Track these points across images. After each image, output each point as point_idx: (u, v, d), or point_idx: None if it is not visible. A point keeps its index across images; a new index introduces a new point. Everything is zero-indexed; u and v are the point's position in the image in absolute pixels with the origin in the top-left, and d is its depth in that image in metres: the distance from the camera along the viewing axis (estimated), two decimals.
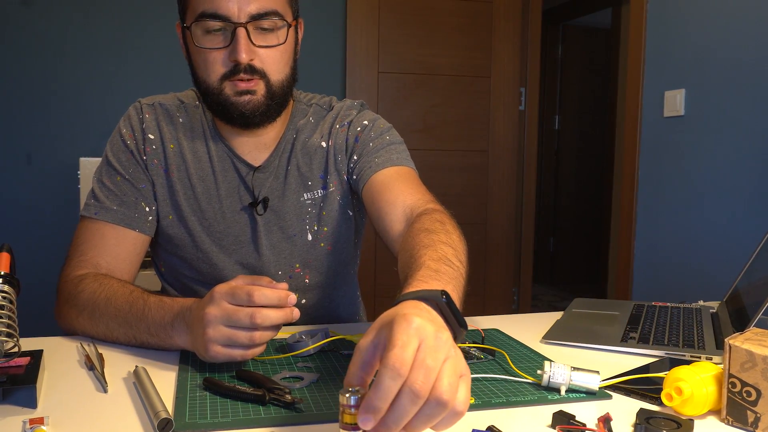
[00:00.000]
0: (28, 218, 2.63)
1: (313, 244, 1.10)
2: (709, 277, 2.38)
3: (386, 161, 1.05)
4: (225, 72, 0.96)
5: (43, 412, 0.66)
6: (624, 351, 0.91)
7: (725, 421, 0.66)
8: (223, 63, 0.95)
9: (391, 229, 0.96)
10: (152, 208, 1.05)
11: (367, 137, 1.09)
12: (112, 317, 0.88)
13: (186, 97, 1.11)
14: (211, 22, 0.93)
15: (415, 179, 1.04)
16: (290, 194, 1.08)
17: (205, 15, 0.93)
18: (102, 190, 1.03)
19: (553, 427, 0.64)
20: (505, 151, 3.33)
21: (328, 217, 1.10)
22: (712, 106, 2.40)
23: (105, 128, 2.59)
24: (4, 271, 0.72)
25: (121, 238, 1.01)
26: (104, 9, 2.68)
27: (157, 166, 1.05)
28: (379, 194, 1.01)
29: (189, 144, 1.06)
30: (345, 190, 1.11)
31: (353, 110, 1.13)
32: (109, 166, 1.05)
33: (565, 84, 5.02)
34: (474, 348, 0.88)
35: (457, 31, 3.19)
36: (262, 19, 0.94)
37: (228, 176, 1.06)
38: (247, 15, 0.93)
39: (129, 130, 1.06)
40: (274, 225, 1.07)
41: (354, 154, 1.09)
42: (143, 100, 1.10)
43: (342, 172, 1.10)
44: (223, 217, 1.06)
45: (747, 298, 1.03)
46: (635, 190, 2.78)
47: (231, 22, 0.93)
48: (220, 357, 0.75)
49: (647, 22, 2.70)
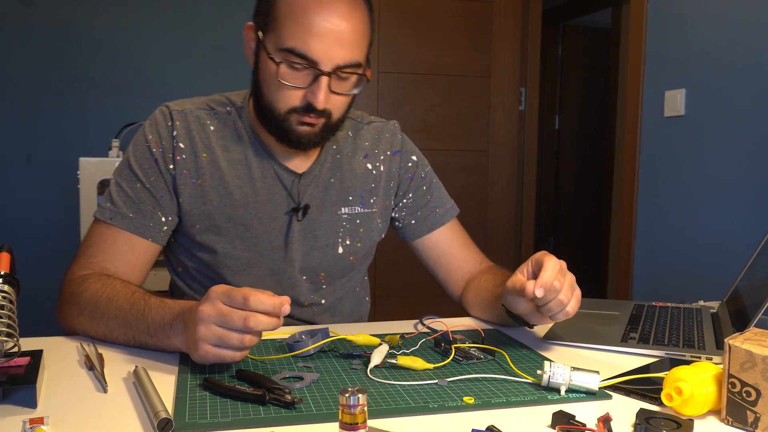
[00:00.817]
0: (28, 218, 2.63)
1: (342, 256, 1.12)
2: (709, 277, 2.38)
3: (440, 219, 1.19)
4: (296, 107, 0.96)
5: (43, 412, 0.66)
6: (624, 351, 0.91)
7: (725, 421, 0.66)
8: (297, 99, 0.96)
9: (454, 289, 1.20)
10: (168, 218, 1.03)
11: (420, 181, 1.20)
12: (112, 317, 0.88)
13: (215, 103, 1.09)
14: (298, 62, 0.93)
15: (463, 236, 1.21)
16: (329, 205, 1.10)
17: (294, 52, 0.92)
18: (120, 195, 1.02)
19: (552, 427, 0.64)
20: (505, 151, 3.33)
21: (365, 234, 1.14)
22: (712, 106, 2.40)
23: (105, 128, 2.60)
24: (4, 271, 0.72)
25: (132, 246, 1.01)
26: (104, 9, 2.68)
27: (186, 176, 1.03)
28: (439, 258, 1.20)
29: (223, 152, 1.05)
30: (387, 214, 1.18)
31: (397, 134, 1.20)
32: (130, 171, 1.03)
33: (565, 84, 5.02)
34: (474, 348, 0.88)
35: (457, 31, 3.19)
36: (344, 69, 0.94)
37: (268, 182, 1.06)
38: (333, 65, 0.93)
39: (156, 137, 1.03)
40: (309, 233, 1.09)
41: (409, 191, 1.19)
42: (172, 106, 1.06)
43: (390, 197, 1.18)
44: (260, 222, 1.06)
45: (747, 298, 1.03)
46: (635, 190, 2.78)
47: (317, 69, 0.93)
48: (209, 356, 0.75)
49: (647, 22, 2.70)
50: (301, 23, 0.91)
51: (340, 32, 0.92)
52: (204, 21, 2.78)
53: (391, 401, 0.69)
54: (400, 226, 1.20)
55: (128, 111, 2.65)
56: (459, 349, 0.87)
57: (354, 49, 0.94)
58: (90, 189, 2.18)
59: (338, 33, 0.91)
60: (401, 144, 1.19)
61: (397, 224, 1.21)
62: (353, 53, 0.94)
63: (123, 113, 2.63)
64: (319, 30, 0.91)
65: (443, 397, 0.71)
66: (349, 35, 0.93)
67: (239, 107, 1.08)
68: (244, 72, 3.12)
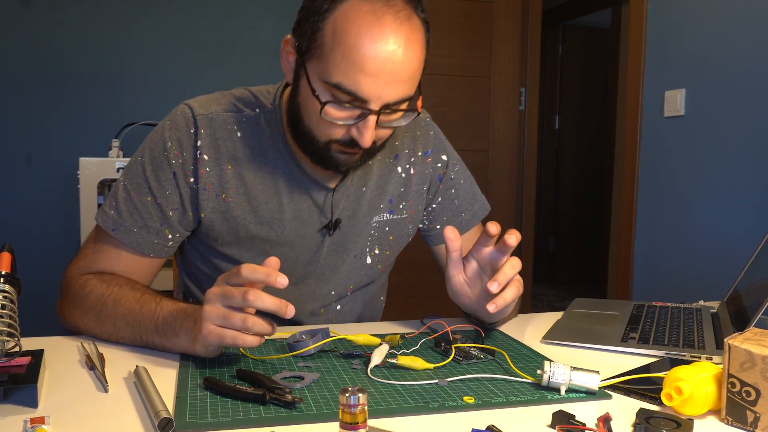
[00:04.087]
0: (28, 218, 2.63)
1: (371, 266, 1.09)
2: (709, 277, 2.38)
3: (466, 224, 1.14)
4: (338, 140, 0.88)
5: (44, 411, 0.66)
6: (624, 351, 0.91)
7: (725, 420, 0.66)
8: (340, 133, 0.87)
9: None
10: (176, 235, 0.98)
11: (449, 183, 1.12)
12: (120, 317, 0.87)
13: (242, 103, 0.99)
14: (345, 99, 0.83)
15: None
16: (361, 216, 1.04)
17: (341, 89, 0.82)
18: (126, 204, 0.95)
19: (552, 427, 0.64)
20: (505, 151, 3.33)
21: (395, 242, 1.10)
22: (712, 106, 2.40)
23: (105, 128, 2.60)
24: (5, 270, 0.72)
25: (136, 261, 0.97)
26: (104, 9, 2.68)
27: (210, 190, 0.95)
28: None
29: (250, 162, 0.96)
30: (418, 219, 1.12)
31: (429, 130, 1.11)
32: (143, 178, 0.95)
33: (565, 84, 5.02)
34: (474, 348, 0.88)
35: (457, 31, 3.19)
36: (394, 105, 0.85)
37: (295, 198, 0.99)
38: (382, 103, 0.83)
39: (176, 145, 0.95)
40: (340, 245, 1.04)
41: (438, 195, 1.12)
42: (196, 108, 0.96)
43: (422, 202, 1.11)
44: (286, 240, 1.00)
45: (747, 298, 1.03)
46: (635, 190, 2.78)
47: (365, 108, 0.83)
48: (211, 336, 0.75)
49: (647, 22, 2.70)
50: (353, 59, 0.80)
51: (394, 70, 0.81)
52: (204, 20, 2.78)
53: (391, 401, 0.69)
54: (424, 228, 1.15)
55: (128, 111, 2.65)
56: (459, 349, 0.87)
57: (407, 85, 0.84)
58: (90, 189, 2.18)
59: (392, 70, 0.81)
60: (433, 143, 1.11)
61: (421, 227, 1.15)
62: (406, 90, 0.84)
63: (123, 113, 2.63)
64: (372, 68, 0.80)
65: (443, 396, 0.71)
66: (404, 71, 0.82)
67: (268, 110, 0.98)
68: (244, 71, 3.13)
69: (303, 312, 1.06)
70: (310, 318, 1.08)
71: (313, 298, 1.07)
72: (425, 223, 1.15)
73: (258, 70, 2.80)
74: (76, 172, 2.21)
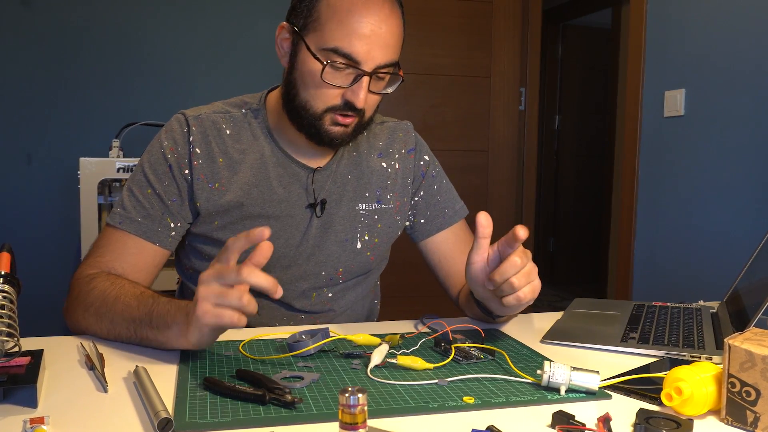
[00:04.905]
0: (28, 218, 2.63)
1: (360, 251, 1.13)
2: (709, 277, 2.38)
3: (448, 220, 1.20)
4: (334, 105, 0.98)
5: (44, 411, 0.66)
6: (624, 351, 0.91)
7: (725, 421, 0.66)
8: (337, 98, 0.98)
9: (452, 291, 1.21)
10: (177, 224, 1.05)
11: (431, 180, 1.21)
12: (117, 313, 0.88)
13: (231, 106, 1.10)
14: (341, 62, 0.95)
15: (467, 240, 1.19)
16: (346, 201, 1.12)
17: (338, 52, 0.94)
18: (130, 200, 1.04)
19: (552, 427, 0.64)
20: (505, 151, 3.33)
21: (383, 230, 1.16)
22: (712, 106, 2.40)
23: (105, 128, 2.60)
24: (5, 270, 0.72)
25: (140, 249, 1.02)
26: (104, 9, 2.68)
27: (203, 180, 1.04)
28: (440, 262, 1.21)
29: (239, 155, 1.06)
30: (405, 211, 1.19)
31: (411, 133, 1.22)
32: (143, 177, 1.05)
33: (565, 84, 5.02)
34: (474, 348, 0.88)
35: (457, 31, 3.19)
36: (383, 68, 0.98)
37: (284, 180, 1.07)
38: (374, 65, 0.96)
39: (171, 143, 1.05)
40: (329, 228, 1.10)
41: (420, 189, 1.20)
42: (187, 112, 1.08)
43: (407, 194, 1.19)
44: (277, 219, 1.07)
45: (747, 298, 1.03)
46: (635, 190, 2.78)
47: (359, 69, 0.95)
48: (207, 317, 0.75)
49: (647, 22, 2.70)
50: (346, 25, 0.94)
51: (381, 34, 0.95)
52: (204, 20, 2.78)
53: (391, 401, 0.69)
54: (409, 224, 1.21)
55: (128, 111, 2.65)
56: (459, 349, 0.87)
57: (392, 50, 0.98)
58: (90, 189, 2.18)
59: (380, 35, 0.95)
60: (415, 142, 1.21)
61: (406, 223, 1.21)
62: (392, 54, 0.98)
63: (123, 113, 2.63)
64: (363, 31, 0.94)
65: (443, 397, 0.71)
66: (389, 37, 0.96)
67: (255, 109, 1.09)
68: (244, 71, 3.13)
69: (294, 292, 1.10)
70: (301, 300, 1.10)
71: (303, 278, 1.10)
72: (411, 216, 1.20)
73: (257, 70, 2.80)
74: (77, 172, 2.21)
